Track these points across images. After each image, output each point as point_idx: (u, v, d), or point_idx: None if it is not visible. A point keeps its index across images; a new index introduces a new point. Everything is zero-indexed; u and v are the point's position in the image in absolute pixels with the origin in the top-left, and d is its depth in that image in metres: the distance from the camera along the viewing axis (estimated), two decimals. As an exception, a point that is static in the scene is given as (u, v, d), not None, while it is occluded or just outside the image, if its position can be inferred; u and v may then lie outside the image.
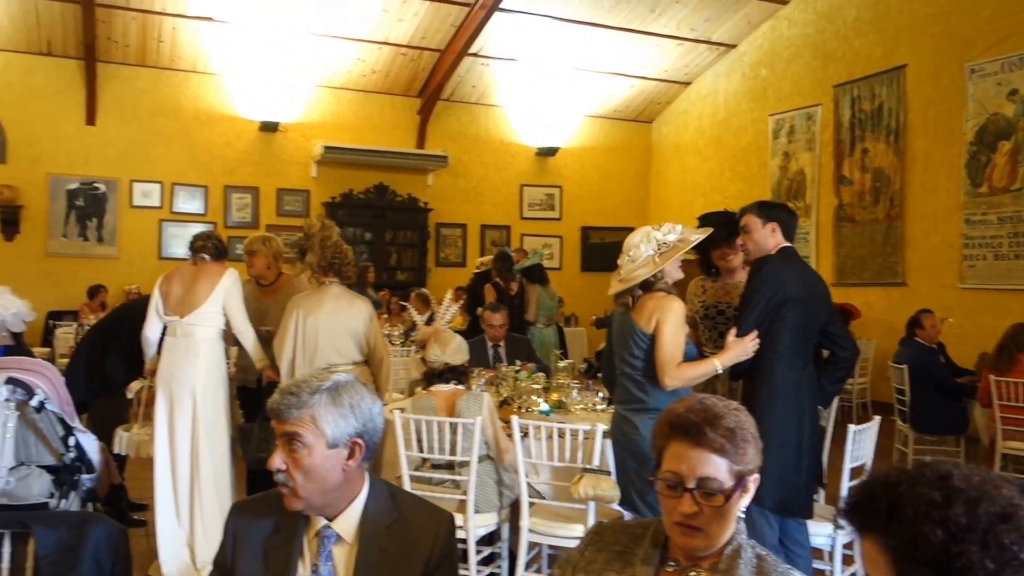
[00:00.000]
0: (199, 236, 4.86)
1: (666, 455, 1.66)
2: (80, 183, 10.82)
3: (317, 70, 11.50)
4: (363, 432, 1.88)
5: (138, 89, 11.02)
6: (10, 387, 4.47)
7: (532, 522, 3.89)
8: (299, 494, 1.85)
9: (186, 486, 4.57)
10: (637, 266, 3.42)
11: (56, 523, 2.23)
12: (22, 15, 9.95)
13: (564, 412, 4.74)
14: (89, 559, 2.16)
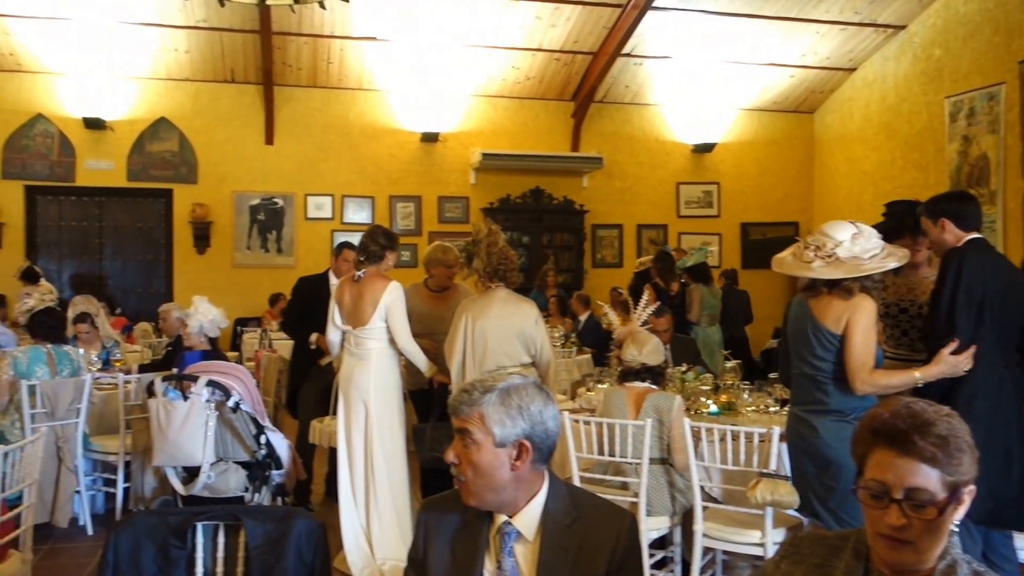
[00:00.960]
0: (360, 247, 5.00)
1: (869, 463, 1.57)
2: (261, 199, 11.60)
3: (473, 80, 11.81)
4: (531, 434, 1.94)
5: (310, 109, 11.69)
6: (210, 389, 4.89)
7: (706, 527, 3.87)
8: (471, 489, 1.94)
9: (362, 484, 4.80)
10: (871, 255, 3.23)
11: (263, 517, 2.42)
12: (208, 47, 10.77)
13: (734, 414, 4.68)
14: (292, 551, 2.34)
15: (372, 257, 4.88)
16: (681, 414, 4.08)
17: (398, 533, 4.71)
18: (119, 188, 11.27)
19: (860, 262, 3.23)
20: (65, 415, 5.24)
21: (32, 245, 11.08)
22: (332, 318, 4.97)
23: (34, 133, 11.01)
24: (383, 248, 4.90)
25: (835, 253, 3.24)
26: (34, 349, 5.39)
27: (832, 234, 3.29)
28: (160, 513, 2.53)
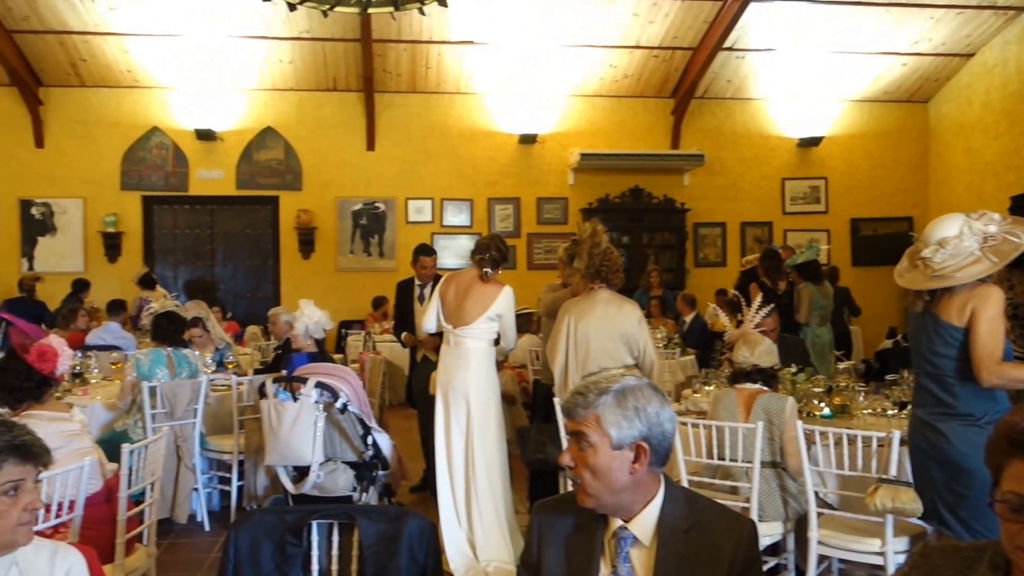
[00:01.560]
0: (478, 248, 5.05)
1: (1006, 473, 1.46)
2: (363, 204, 11.85)
3: (570, 80, 11.76)
4: (648, 436, 1.89)
5: (410, 114, 11.87)
6: (319, 390, 4.98)
7: (821, 534, 3.72)
8: (588, 492, 1.90)
9: (462, 486, 4.81)
10: (961, 262, 3.09)
11: (376, 516, 2.44)
12: (312, 58, 11.07)
13: (848, 417, 4.50)
14: (405, 551, 2.35)
15: (499, 261, 4.95)
16: (794, 416, 3.94)
17: (501, 534, 4.71)
18: (229, 196, 11.69)
19: (959, 263, 3.06)
20: (183, 415, 5.44)
21: (149, 252, 11.62)
22: (435, 309, 5.01)
23: (150, 146, 11.53)
24: (503, 256, 4.99)
25: (946, 265, 3.08)
26: (155, 352, 5.61)
27: (938, 240, 3.12)
28: (277, 511, 2.58)
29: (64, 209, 11.38)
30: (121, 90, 11.37)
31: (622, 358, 4.56)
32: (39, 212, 11.36)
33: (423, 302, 6.26)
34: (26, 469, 1.91)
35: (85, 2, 9.85)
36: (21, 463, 1.89)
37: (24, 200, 11.31)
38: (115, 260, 11.43)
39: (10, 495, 1.86)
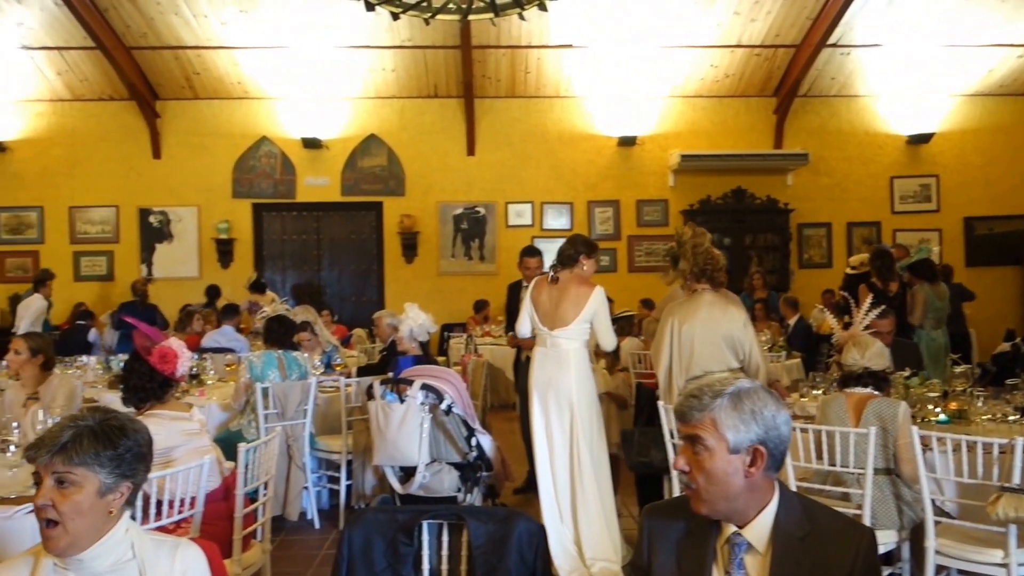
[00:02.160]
0: (557, 252, 5.05)
1: None
2: (464, 208, 12.01)
3: (670, 81, 11.65)
4: (765, 440, 1.86)
5: (510, 119, 11.97)
6: (424, 392, 5.07)
7: (939, 543, 3.58)
8: (702, 497, 1.88)
9: (567, 489, 4.80)
10: None
11: (486, 518, 2.47)
12: (413, 65, 11.30)
13: (965, 423, 4.31)
14: (514, 552, 2.37)
15: (566, 261, 4.92)
16: (907, 422, 3.80)
17: (606, 534, 4.70)
18: (334, 203, 12.03)
19: None
20: (294, 416, 5.62)
21: (259, 258, 12.05)
22: (528, 313, 5.04)
23: (259, 155, 11.97)
24: (577, 252, 4.93)
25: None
26: (267, 354, 5.82)
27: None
28: (389, 511, 2.64)
29: (180, 217, 11.92)
30: (232, 102, 11.84)
31: (727, 361, 4.48)
32: (157, 220, 11.94)
33: None
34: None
35: (198, 18, 10.30)
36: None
37: (143, 209, 11.90)
38: (227, 265, 11.91)
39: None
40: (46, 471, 1.88)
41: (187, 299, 10.89)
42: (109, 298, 11.30)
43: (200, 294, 11.15)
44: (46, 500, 1.85)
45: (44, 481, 1.88)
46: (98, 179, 11.82)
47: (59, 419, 3.90)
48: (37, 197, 11.83)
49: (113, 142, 11.79)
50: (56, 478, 1.87)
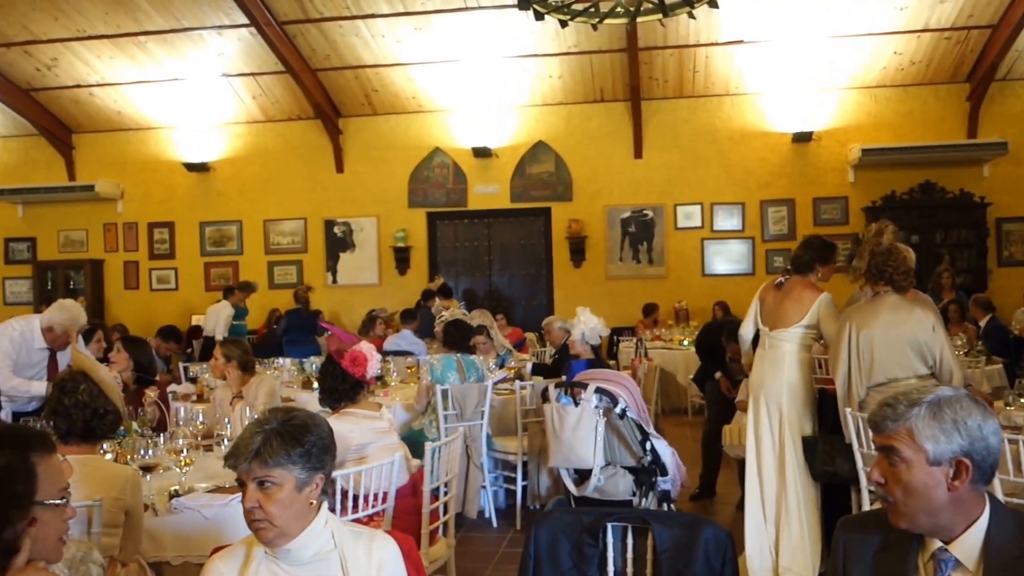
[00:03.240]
0: (792, 255, 4.92)
1: None
2: (631, 211, 11.96)
3: (848, 72, 11.13)
4: (971, 451, 1.76)
5: (677, 119, 11.82)
6: (598, 395, 5.10)
7: None
8: (901, 511, 1.80)
9: (772, 492, 4.66)
10: None
11: (671, 522, 2.46)
12: (579, 70, 11.38)
13: None
14: (701, 558, 2.35)
15: (801, 268, 4.74)
16: None
17: (803, 545, 4.54)
18: (504, 209, 12.30)
19: None
20: (472, 417, 5.79)
21: (433, 264, 12.49)
22: (753, 313, 4.93)
23: (433, 165, 12.40)
24: (812, 260, 4.73)
25: None
26: (446, 357, 6.03)
27: None
28: (575, 512, 2.69)
29: (361, 227, 12.55)
30: (407, 116, 12.34)
31: (913, 367, 4.19)
32: (340, 231, 12.62)
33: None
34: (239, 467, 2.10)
35: (376, 38, 10.81)
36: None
37: (328, 220, 12.61)
38: (404, 272, 12.42)
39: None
40: (248, 477, 2.04)
41: (369, 305, 11.46)
42: (298, 305, 12.04)
43: (378, 300, 11.71)
44: (253, 503, 2.02)
45: (248, 486, 2.04)
46: (288, 193, 12.65)
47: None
48: (236, 212, 12.81)
49: (301, 158, 12.58)
50: (257, 482, 2.03)
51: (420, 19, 10.38)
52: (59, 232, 13.29)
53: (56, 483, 1.68)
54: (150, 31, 10.73)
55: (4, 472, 1.58)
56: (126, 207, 13.16)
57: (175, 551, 3.18)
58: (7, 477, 1.58)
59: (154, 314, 12.29)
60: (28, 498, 1.60)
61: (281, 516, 2.02)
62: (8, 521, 1.56)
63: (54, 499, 1.66)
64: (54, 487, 1.67)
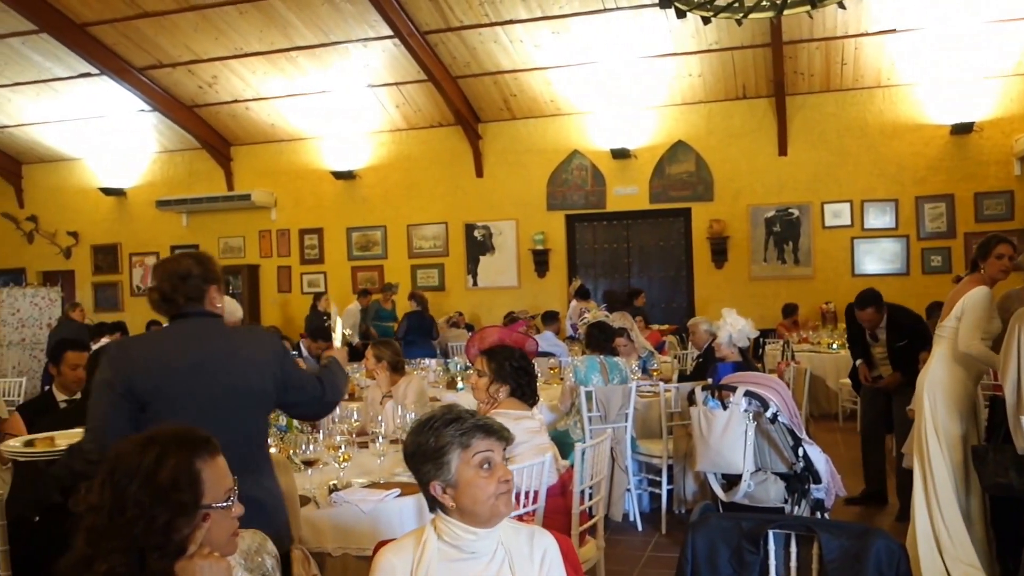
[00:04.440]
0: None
1: None
2: (776, 210, 11.61)
3: (1012, 58, 10.42)
4: None
5: (824, 114, 11.39)
6: (748, 399, 4.97)
7: None
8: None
9: (933, 494, 4.48)
10: None
11: (839, 532, 2.37)
12: (720, 68, 11.14)
13: None
14: (871, 571, 2.26)
15: (973, 266, 4.62)
16: None
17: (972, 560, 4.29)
18: (643, 211, 12.19)
19: None
20: (616, 419, 5.77)
21: (572, 267, 12.52)
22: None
23: (571, 168, 12.44)
24: (975, 256, 4.60)
25: None
26: (590, 359, 6.03)
27: None
28: (734, 517, 2.63)
29: (500, 230, 12.73)
30: (545, 119, 12.43)
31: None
32: (480, 234, 12.84)
33: (875, 341, 6.22)
34: (492, 443, 2.17)
35: (515, 43, 10.95)
36: (487, 437, 2.16)
37: (468, 224, 12.86)
38: (543, 275, 12.51)
39: (484, 468, 2.13)
40: (500, 455, 2.16)
41: (508, 307, 11.63)
42: (441, 307, 12.31)
43: (518, 303, 11.85)
44: (509, 476, 2.15)
45: (501, 463, 2.15)
46: (430, 199, 12.98)
47: (413, 413, 4.35)
48: (381, 217, 13.25)
49: (442, 164, 12.88)
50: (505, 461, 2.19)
51: (558, 23, 10.43)
52: (219, 239, 14.12)
53: (222, 484, 1.72)
54: (300, 46, 11.24)
55: (169, 483, 1.62)
56: (279, 214, 13.84)
57: (335, 543, 3.31)
58: (172, 488, 1.62)
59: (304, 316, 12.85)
60: (194, 505, 1.65)
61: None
62: (175, 530, 1.62)
63: (220, 502, 1.70)
64: (220, 489, 1.71)
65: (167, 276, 2.68)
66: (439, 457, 2.12)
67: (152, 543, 1.59)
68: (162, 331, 2.79)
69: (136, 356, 2.63)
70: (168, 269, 2.71)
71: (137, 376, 2.55)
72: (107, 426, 2.49)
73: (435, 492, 2.13)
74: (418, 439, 2.17)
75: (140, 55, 11.73)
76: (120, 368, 2.57)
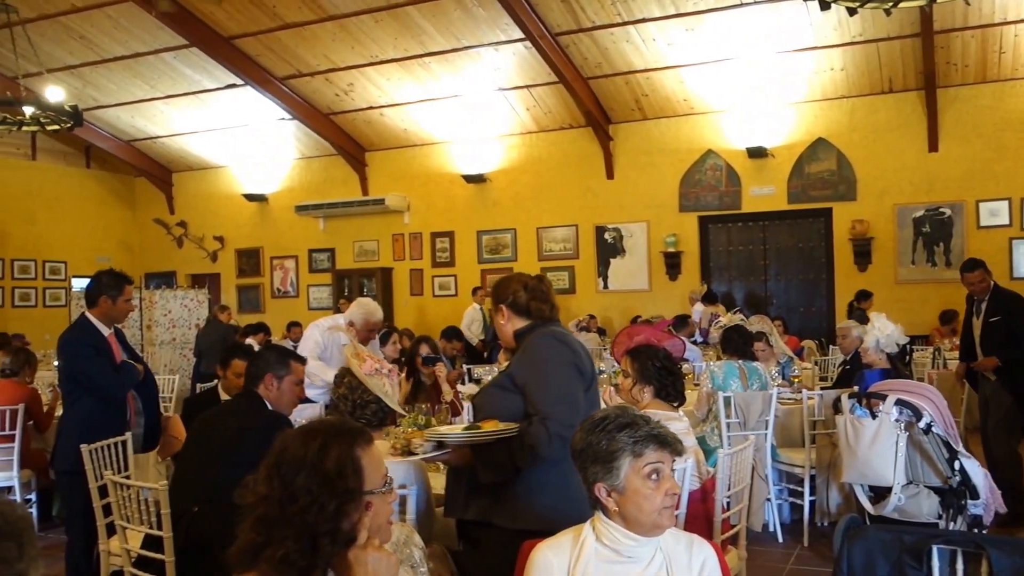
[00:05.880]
0: None
1: None
2: (925, 210, 10.97)
3: None
4: None
5: (979, 107, 10.69)
6: (899, 408, 4.70)
7: None
8: None
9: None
10: None
11: (1011, 549, 2.19)
12: (864, 61, 10.63)
13: None
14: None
15: None
16: None
17: None
18: (780, 211, 11.77)
19: None
20: (755, 426, 5.56)
21: (705, 270, 12.23)
22: None
23: (705, 168, 12.15)
24: None
25: None
26: (727, 364, 5.85)
27: None
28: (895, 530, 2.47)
29: (631, 232, 12.57)
30: (678, 119, 12.20)
31: None
32: (610, 236, 12.72)
33: (977, 317, 6.10)
34: (664, 455, 2.10)
35: (647, 42, 10.78)
36: (659, 449, 2.09)
37: (598, 226, 12.76)
38: (675, 278, 12.27)
39: (653, 479, 2.06)
40: (670, 464, 2.14)
41: (639, 310, 11.48)
42: (569, 310, 12.25)
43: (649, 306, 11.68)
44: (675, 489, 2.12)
45: (669, 473, 2.11)
46: (560, 201, 12.96)
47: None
48: (511, 220, 13.34)
49: (572, 166, 12.85)
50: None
51: (692, 20, 10.21)
52: (354, 242, 14.56)
53: (379, 471, 1.77)
54: (433, 52, 11.45)
55: (336, 471, 1.68)
56: (412, 218, 14.14)
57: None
58: (340, 474, 1.68)
59: (435, 319, 13.09)
60: (359, 490, 1.70)
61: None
62: (344, 514, 1.67)
63: (379, 488, 1.75)
64: (378, 475, 1.76)
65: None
66: (609, 461, 2.09)
67: (323, 529, 1.64)
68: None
69: (575, 345, 2.99)
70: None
71: (583, 362, 2.94)
72: (576, 399, 2.83)
73: (599, 494, 2.10)
74: (589, 437, 2.14)
75: (281, 65, 12.23)
76: (577, 351, 2.94)
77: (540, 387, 2.83)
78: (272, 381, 3.68)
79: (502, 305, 3.06)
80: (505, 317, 3.06)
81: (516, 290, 3.04)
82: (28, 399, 6.12)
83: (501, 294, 3.08)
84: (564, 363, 2.89)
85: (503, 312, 3.06)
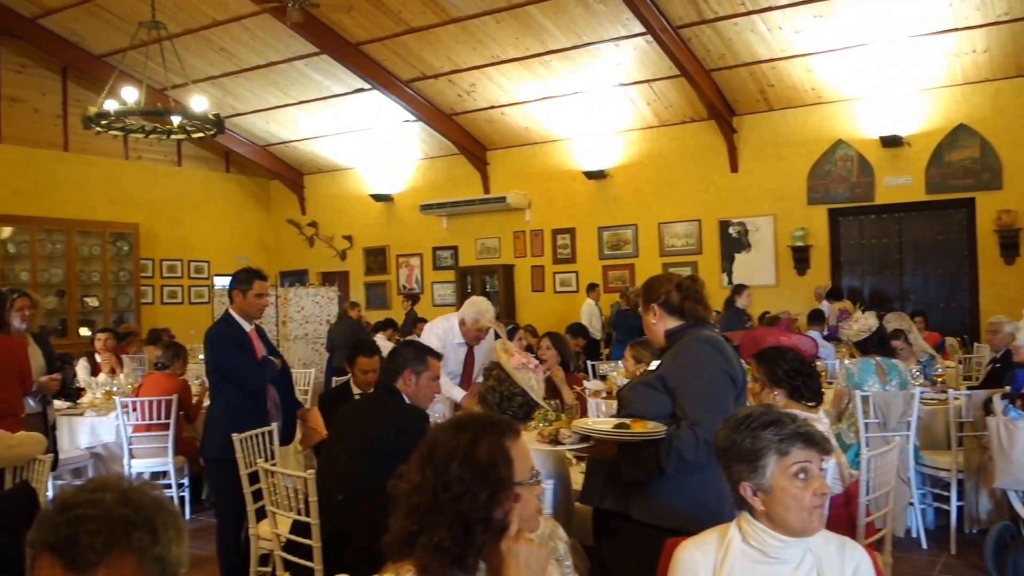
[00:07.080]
0: None
1: None
2: (1080, 198, 10.25)
3: None
4: None
5: None
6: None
7: None
8: None
9: None
10: None
11: None
12: (1011, 42, 10.00)
13: None
14: None
15: None
16: None
17: None
18: (917, 202, 11.23)
19: None
20: (896, 427, 5.34)
21: (835, 264, 11.80)
22: None
23: (835, 158, 11.72)
24: None
25: None
26: (864, 362, 5.64)
27: None
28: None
29: (757, 227, 12.26)
30: (806, 108, 11.81)
31: None
32: (735, 231, 12.44)
33: None
34: (811, 454, 2.05)
35: (773, 31, 10.48)
36: (806, 448, 2.04)
37: (722, 221, 12.51)
38: (803, 273, 11.89)
39: (800, 478, 2.02)
40: (816, 465, 2.09)
41: (766, 306, 11.17)
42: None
43: (776, 301, 11.35)
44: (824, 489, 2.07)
45: (819, 475, 2.08)
46: (682, 196, 12.77)
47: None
48: (632, 216, 13.24)
49: (694, 160, 12.63)
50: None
51: (820, 6, 9.85)
52: (476, 240, 14.76)
53: (526, 463, 1.80)
54: (554, 50, 11.47)
55: (487, 461, 1.73)
56: (533, 215, 14.22)
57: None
58: (491, 465, 1.72)
59: (557, 315, 13.11)
60: (509, 481, 1.74)
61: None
62: (497, 503, 1.71)
63: (527, 479, 1.78)
64: (525, 468, 1.79)
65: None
66: (754, 460, 2.05)
67: (476, 518, 1.69)
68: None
69: (729, 352, 2.98)
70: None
71: (735, 370, 2.94)
72: (727, 407, 2.79)
73: (744, 493, 2.07)
74: (733, 436, 2.11)
75: (406, 68, 12.52)
76: (730, 359, 2.94)
77: (693, 393, 2.82)
78: (411, 376, 3.79)
79: (654, 304, 3.05)
80: (656, 316, 3.04)
81: (669, 290, 3.03)
82: (179, 390, 6.50)
83: (653, 293, 3.07)
84: (718, 370, 2.89)
85: (654, 311, 3.05)
